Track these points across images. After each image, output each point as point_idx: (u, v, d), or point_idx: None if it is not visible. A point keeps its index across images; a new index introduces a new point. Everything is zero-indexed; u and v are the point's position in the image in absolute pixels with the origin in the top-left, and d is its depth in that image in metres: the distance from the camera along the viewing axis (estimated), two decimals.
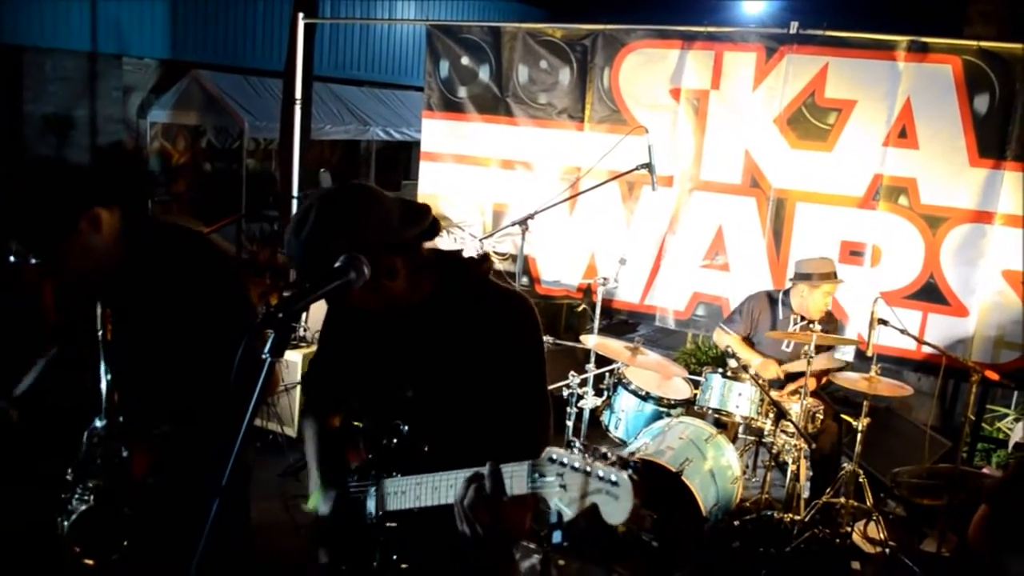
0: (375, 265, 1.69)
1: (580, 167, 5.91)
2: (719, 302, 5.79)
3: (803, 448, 4.51)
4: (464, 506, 1.56)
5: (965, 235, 5.12)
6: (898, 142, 5.20)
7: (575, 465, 1.40)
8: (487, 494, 1.52)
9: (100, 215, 2.13)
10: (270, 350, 1.39)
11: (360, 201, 1.75)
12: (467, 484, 1.58)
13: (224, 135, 15.05)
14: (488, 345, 1.85)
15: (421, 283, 1.85)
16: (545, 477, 1.44)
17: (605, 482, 1.36)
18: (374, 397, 1.98)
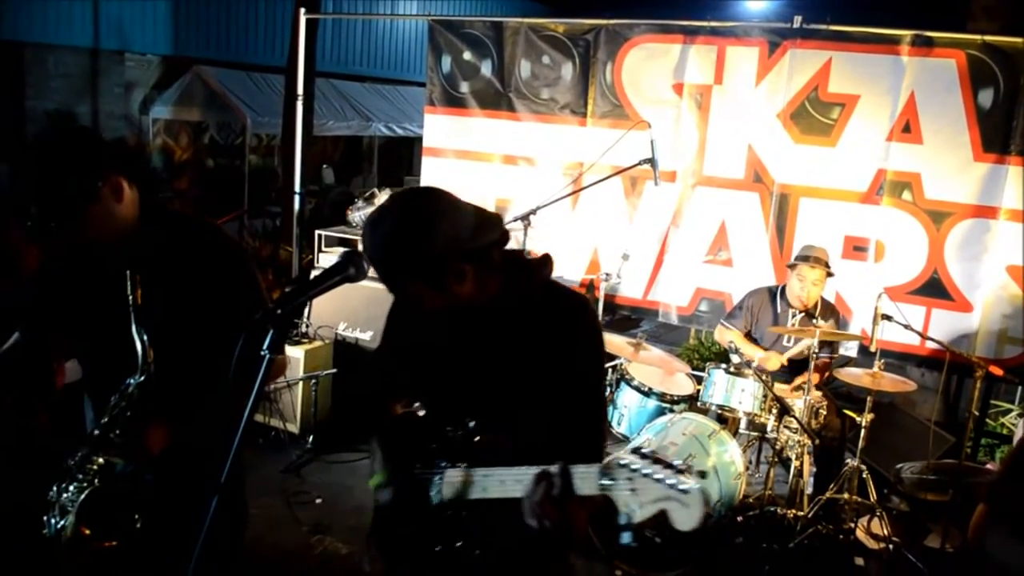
0: (446, 270, 1.78)
1: (583, 162, 5.91)
2: (722, 297, 5.78)
3: (807, 444, 4.49)
4: (534, 502, 1.62)
5: (969, 230, 5.11)
6: (902, 137, 5.18)
7: (646, 472, 1.46)
8: (556, 492, 1.59)
9: (122, 185, 2.14)
10: (268, 346, 1.38)
11: (439, 207, 1.81)
12: (537, 481, 1.63)
13: (226, 131, 15.06)
14: (551, 345, 1.90)
15: (488, 285, 1.90)
16: (615, 481, 1.50)
17: (676, 490, 1.41)
18: (438, 389, 2.03)
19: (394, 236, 1.78)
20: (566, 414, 1.92)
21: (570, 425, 1.93)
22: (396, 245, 1.77)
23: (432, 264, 1.79)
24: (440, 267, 1.79)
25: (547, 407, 1.90)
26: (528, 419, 1.91)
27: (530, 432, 1.89)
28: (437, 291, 1.81)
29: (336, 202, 12.21)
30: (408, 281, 1.82)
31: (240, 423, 1.36)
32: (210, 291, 2.19)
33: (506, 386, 1.92)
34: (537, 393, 1.90)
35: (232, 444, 1.35)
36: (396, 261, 1.79)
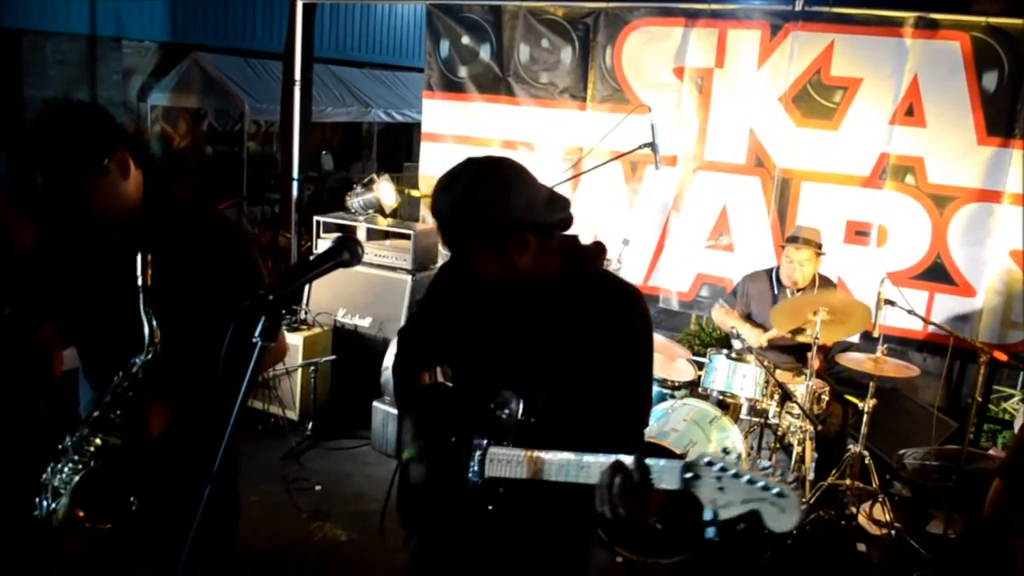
0: (511, 236, 1.81)
1: (582, 147, 5.86)
2: (723, 283, 5.74)
3: (808, 430, 4.47)
4: (613, 493, 1.63)
5: (972, 214, 5.07)
6: (905, 120, 5.13)
7: (737, 473, 1.50)
8: (635, 484, 1.62)
9: (128, 162, 2.13)
10: (260, 334, 1.35)
11: (513, 175, 1.86)
12: (612, 472, 1.65)
13: (225, 118, 15.01)
14: (604, 331, 1.92)
15: (547, 263, 1.92)
16: (700, 478, 1.54)
17: (770, 493, 1.46)
18: (483, 365, 2.05)
19: (468, 195, 1.81)
20: (614, 401, 1.94)
21: (616, 412, 1.95)
22: (468, 204, 1.80)
23: (499, 228, 1.81)
24: (506, 233, 1.82)
25: (596, 392, 1.92)
26: (573, 401, 1.92)
27: (573, 415, 1.92)
28: (497, 257, 1.83)
29: (335, 188, 12.18)
30: (472, 243, 1.84)
31: (232, 411, 1.32)
32: (210, 275, 2.16)
33: (554, 368, 1.94)
34: (586, 377, 1.91)
35: (224, 432, 1.32)
36: (465, 220, 1.81)
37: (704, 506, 1.53)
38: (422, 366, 2.33)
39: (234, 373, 1.32)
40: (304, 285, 1.47)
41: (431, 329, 2.25)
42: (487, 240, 1.83)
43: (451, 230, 1.85)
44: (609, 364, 1.92)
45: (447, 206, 1.83)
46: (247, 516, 2.57)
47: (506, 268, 1.86)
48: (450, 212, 1.83)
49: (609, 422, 1.94)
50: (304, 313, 5.94)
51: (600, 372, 1.92)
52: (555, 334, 1.94)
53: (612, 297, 1.98)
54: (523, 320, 1.98)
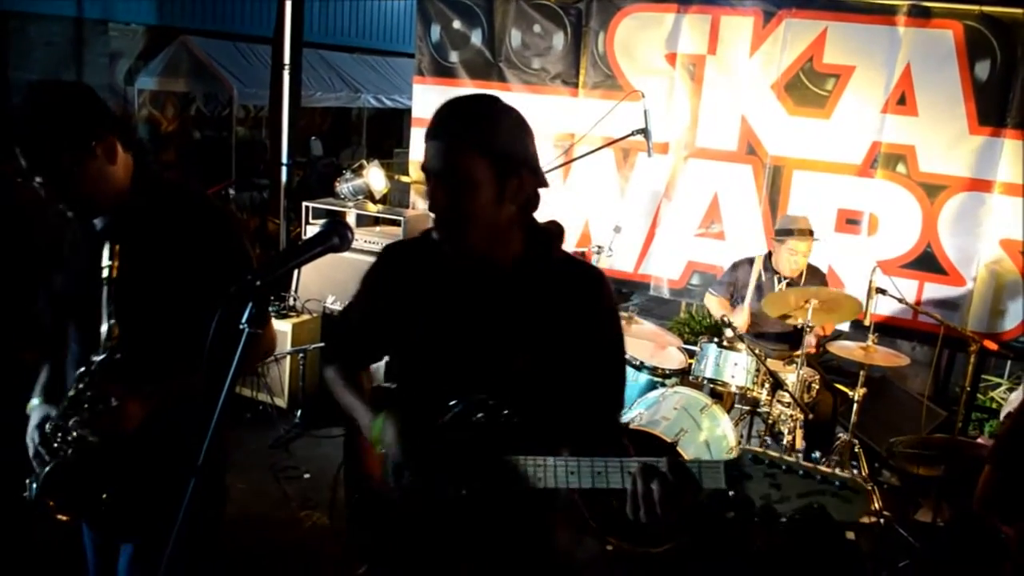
0: (517, 169, 1.75)
1: (574, 133, 5.82)
2: (714, 271, 5.73)
3: (799, 418, 4.47)
4: (654, 499, 1.58)
5: (963, 204, 5.06)
6: (897, 109, 5.12)
7: (791, 467, 1.49)
8: (676, 487, 1.57)
9: (116, 146, 2.08)
10: (248, 320, 1.31)
11: (526, 123, 1.80)
12: (645, 477, 1.60)
13: (213, 102, 14.91)
14: (573, 316, 1.83)
15: (512, 242, 1.85)
16: (750, 477, 1.51)
17: (832, 485, 1.45)
18: (443, 361, 1.90)
19: (492, 112, 1.75)
20: (592, 389, 1.88)
21: (595, 400, 1.89)
22: (492, 120, 1.74)
23: (511, 156, 1.75)
24: (516, 165, 1.75)
25: (572, 381, 1.85)
26: (550, 395, 1.85)
27: (552, 409, 1.84)
28: (494, 188, 1.74)
29: (323, 174, 12.11)
30: (480, 159, 1.72)
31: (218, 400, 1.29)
32: (197, 261, 2.11)
33: (524, 359, 1.84)
34: (559, 367, 1.84)
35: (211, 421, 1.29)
36: (485, 133, 1.73)
37: (756, 504, 1.51)
38: (360, 366, 2.15)
39: (221, 361, 1.29)
40: (293, 271, 1.42)
41: (372, 325, 2.06)
42: (497, 162, 1.73)
43: (463, 139, 1.72)
44: (583, 351, 1.84)
45: (467, 114, 1.75)
46: (235, 504, 2.56)
47: (490, 208, 1.75)
48: (470, 121, 1.74)
49: (588, 411, 1.88)
50: (293, 300, 5.90)
51: (574, 360, 1.83)
52: (522, 323, 1.84)
53: (579, 281, 1.90)
54: (485, 310, 1.86)
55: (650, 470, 1.59)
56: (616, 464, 1.65)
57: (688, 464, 1.58)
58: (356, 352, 2.13)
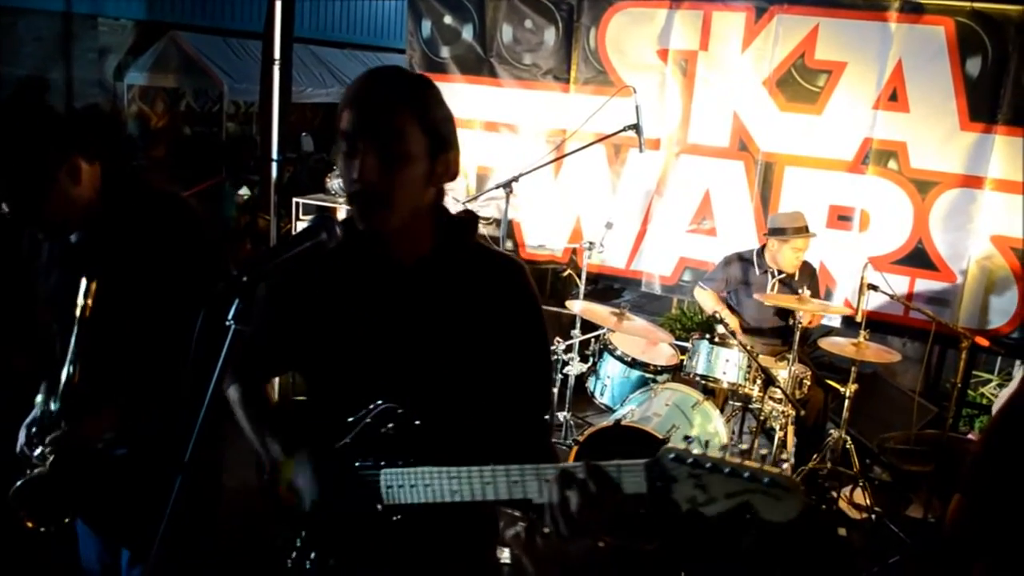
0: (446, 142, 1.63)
1: (565, 129, 5.80)
2: (705, 267, 5.72)
3: (790, 414, 4.47)
4: (570, 511, 1.41)
5: (954, 200, 5.07)
6: (888, 105, 5.12)
7: (714, 466, 1.31)
8: (594, 495, 1.40)
9: (80, 166, 2.04)
10: (234, 316, 1.29)
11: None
12: (561, 485, 1.43)
13: (203, 98, 14.82)
14: (489, 312, 1.68)
15: (424, 231, 1.69)
16: (674, 479, 1.34)
17: (761, 483, 1.28)
18: (351, 370, 1.72)
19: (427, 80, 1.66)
20: (512, 391, 1.72)
21: (517, 402, 1.74)
22: (425, 93, 1.63)
23: (444, 130, 1.63)
24: (446, 140, 1.63)
25: (490, 384, 1.69)
26: (468, 399, 1.70)
27: (471, 414, 1.70)
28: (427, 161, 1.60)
29: (314, 169, 12.05)
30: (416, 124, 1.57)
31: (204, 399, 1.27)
32: (170, 270, 2.07)
33: (437, 362, 1.69)
34: (476, 369, 1.69)
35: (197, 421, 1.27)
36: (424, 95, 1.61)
37: (681, 507, 1.34)
38: (263, 381, 1.96)
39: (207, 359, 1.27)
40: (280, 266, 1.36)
41: (272, 337, 1.84)
42: (433, 137, 1.60)
43: (405, 103, 1.57)
44: (501, 348, 1.69)
45: (406, 81, 1.62)
46: (226, 503, 2.52)
47: (419, 187, 1.61)
48: (410, 87, 1.61)
49: (510, 414, 1.73)
50: None
51: (492, 359, 1.68)
52: (435, 323, 1.68)
53: (496, 273, 1.73)
54: (391, 308, 1.69)
55: (567, 477, 1.43)
56: (532, 472, 1.49)
57: (607, 468, 1.41)
58: (257, 368, 1.91)
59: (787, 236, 4.82)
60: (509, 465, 1.51)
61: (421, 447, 1.64)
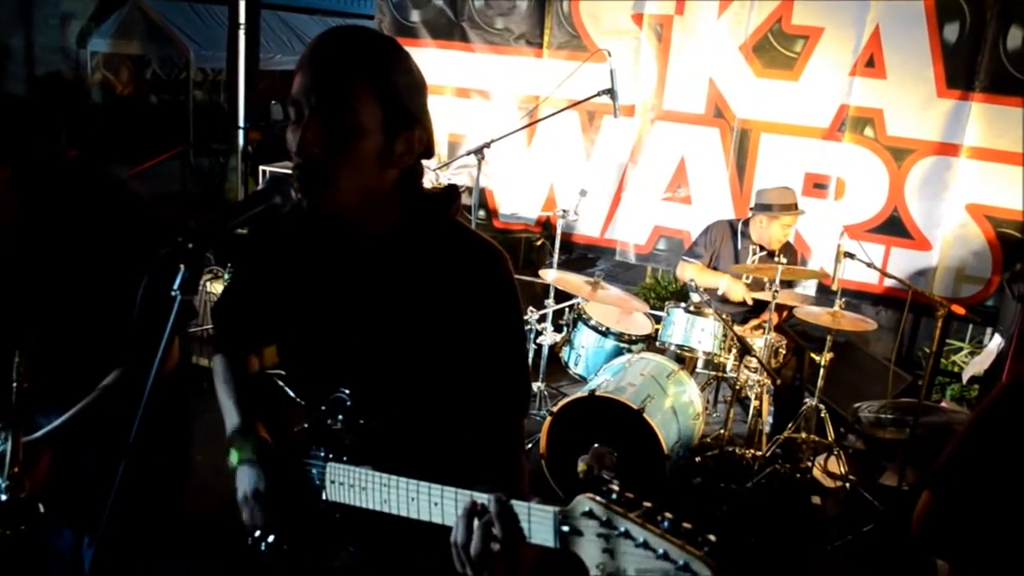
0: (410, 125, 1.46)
1: (539, 95, 5.70)
2: (680, 236, 5.67)
3: (766, 384, 4.44)
4: (470, 554, 1.25)
5: (930, 168, 5.03)
6: (865, 71, 5.06)
7: (628, 531, 1.09)
8: (499, 538, 1.22)
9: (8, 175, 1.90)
10: (180, 286, 1.19)
11: (415, 63, 1.49)
12: (467, 521, 1.26)
13: (169, 65, 14.58)
14: (456, 301, 1.52)
15: (388, 210, 1.52)
16: (581, 535, 1.14)
17: (675, 565, 1.05)
18: (314, 350, 1.61)
19: (391, 44, 1.46)
20: (481, 389, 1.56)
21: (484, 404, 1.57)
22: (392, 50, 1.45)
23: (407, 103, 1.45)
24: (409, 115, 1.46)
25: (446, 378, 1.55)
26: (423, 392, 1.56)
27: (424, 408, 1.57)
28: (382, 138, 1.43)
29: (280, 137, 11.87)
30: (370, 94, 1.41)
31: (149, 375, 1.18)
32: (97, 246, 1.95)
33: (398, 352, 1.55)
34: (436, 360, 1.54)
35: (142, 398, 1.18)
36: (383, 62, 1.42)
37: (589, 570, 1.14)
38: (246, 353, 1.81)
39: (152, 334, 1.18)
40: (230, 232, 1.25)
41: (251, 308, 1.75)
42: (391, 111, 1.43)
43: (357, 69, 1.40)
44: (470, 341, 1.53)
45: (364, 43, 1.42)
46: (194, 476, 2.45)
47: (370, 166, 1.45)
48: (367, 51, 1.42)
49: (477, 416, 1.56)
50: None
51: (459, 354, 1.53)
52: (394, 307, 1.53)
53: (469, 256, 1.55)
54: (354, 291, 1.56)
55: (474, 512, 1.26)
56: (452, 497, 1.32)
57: (517, 509, 1.22)
58: (239, 339, 1.81)
59: (775, 212, 4.73)
60: (432, 484, 1.35)
61: (368, 445, 1.51)
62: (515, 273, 1.63)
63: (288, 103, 1.45)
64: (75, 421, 1.95)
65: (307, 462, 1.56)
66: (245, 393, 1.74)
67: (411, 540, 1.51)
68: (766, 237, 4.78)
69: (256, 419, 1.68)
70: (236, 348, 1.81)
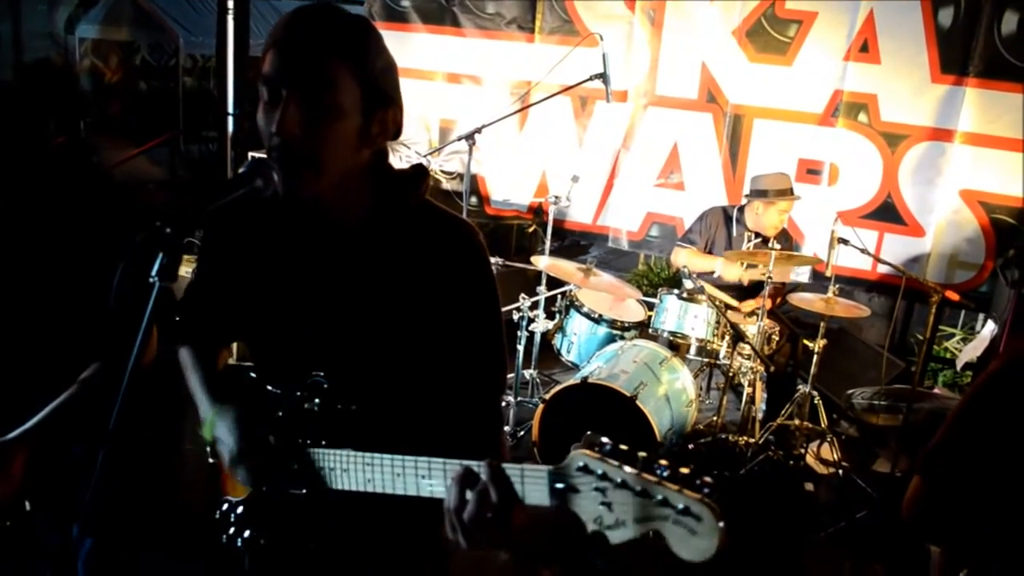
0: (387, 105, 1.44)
1: (530, 81, 5.65)
2: (673, 222, 5.65)
3: (759, 370, 4.42)
4: (464, 519, 1.24)
5: (924, 153, 5.01)
6: (859, 56, 5.03)
7: (624, 481, 1.08)
8: (494, 503, 1.21)
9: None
10: (158, 272, 1.15)
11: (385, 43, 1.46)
12: (460, 487, 1.26)
13: (159, 52, 14.41)
14: (430, 281, 1.49)
15: (360, 192, 1.49)
16: (577, 491, 1.14)
17: (673, 510, 1.04)
18: (286, 338, 1.57)
19: (365, 23, 1.43)
20: (458, 372, 1.54)
21: (454, 383, 1.54)
22: (367, 29, 1.42)
23: (385, 82, 1.43)
24: (386, 94, 1.44)
25: (424, 361, 1.52)
26: (400, 376, 1.54)
27: (401, 392, 1.55)
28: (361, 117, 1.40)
29: None
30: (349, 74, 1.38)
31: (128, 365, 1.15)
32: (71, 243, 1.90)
33: (373, 336, 1.52)
34: (412, 343, 1.51)
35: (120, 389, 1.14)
36: (361, 41, 1.40)
37: (586, 526, 1.13)
38: (216, 345, 1.80)
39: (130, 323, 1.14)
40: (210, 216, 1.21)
41: (217, 299, 1.70)
42: (369, 90, 1.40)
43: (336, 48, 1.37)
44: (446, 322, 1.51)
45: (340, 23, 1.39)
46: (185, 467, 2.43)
47: (351, 146, 1.42)
48: (345, 30, 1.38)
49: (455, 397, 1.55)
50: None
51: (435, 334, 1.51)
52: (369, 291, 1.51)
53: (442, 236, 1.52)
54: (328, 277, 1.53)
55: (468, 478, 1.25)
56: (440, 468, 1.31)
57: (510, 472, 1.22)
58: (206, 331, 1.77)
59: (770, 198, 4.69)
60: (419, 457, 1.34)
61: (346, 427, 1.49)
62: (506, 260, 1.60)
63: (260, 83, 1.41)
64: (54, 418, 1.90)
65: (285, 450, 1.52)
66: (214, 377, 1.71)
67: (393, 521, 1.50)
68: (762, 223, 4.74)
69: (227, 395, 1.64)
70: (203, 339, 1.78)
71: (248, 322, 1.64)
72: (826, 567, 3.73)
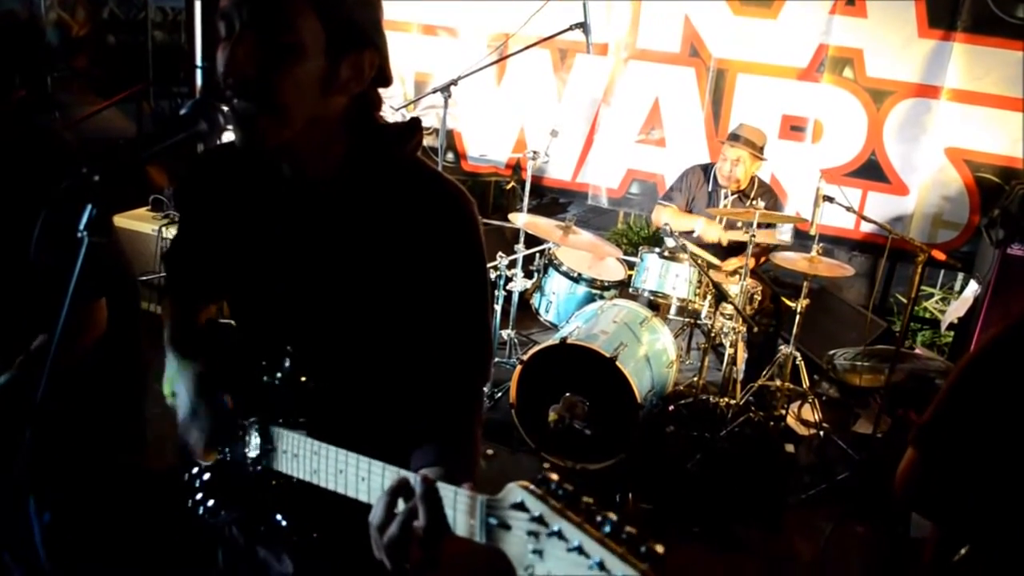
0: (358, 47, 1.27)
1: (508, 33, 5.48)
2: (654, 179, 5.54)
3: (741, 331, 4.35)
4: (386, 539, 1.11)
5: (909, 110, 4.93)
6: (845, 10, 4.93)
7: (560, 531, 0.92)
8: (421, 525, 1.08)
9: None
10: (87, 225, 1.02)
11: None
12: (389, 501, 1.13)
13: (127, 5, 14.00)
14: (410, 249, 1.34)
15: (334, 145, 1.34)
16: (509, 529, 0.99)
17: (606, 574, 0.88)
18: (258, 302, 1.47)
19: None
20: (425, 346, 1.40)
21: (430, 363, 1.40)
22: None
23: (353, 18, 1.26)
24: (357, 33, 1.27)
25: (406, 334, 1.39)
26: (370, 350, 1.42)
27: (371, 369, 1.43)
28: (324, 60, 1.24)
29: None
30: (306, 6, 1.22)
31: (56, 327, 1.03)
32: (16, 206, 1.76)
33: (335, 303, 1.40)
34: (394, 313, 1.38)
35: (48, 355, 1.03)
36: None
37: (516, 570, 0.98)
38: (198, 303, 1.67)
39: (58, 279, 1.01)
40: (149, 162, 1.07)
41: (200, 251, 1.59)
42: (332, 26, 1.24)
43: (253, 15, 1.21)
44: (426, 295, 1.36)
45: None
46: (151, 430, 2.33)
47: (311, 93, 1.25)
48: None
49: (430, 382, 1.40)
50: None
51: (413, 307, 1.36)
52: (340, 254, 1.37)
53: (428, 199, 1.36)
54: (297, 237, 1.39)
55: (399, 491, 1.12)
56: (379, 472, 1.18)
57: (443, 492, 1.08)
58: (186, 286, 1.67)
59: (730, 143, 4.64)
60: (361, 456, 1.21)
61: (304, 406, 1.37)
62: (484, 217, 1.47)
63: (218, 18, 1.24)
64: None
65: (240, 419, 1.41)
66: (186, 333, 1.59)
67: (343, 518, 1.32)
68: (723, 172, 4.66)
69: (194, 351, 1.52)
70: (186, 297, 1.66)
71: (225, 279, 1.53)
72: (807, 529, 3.69)
